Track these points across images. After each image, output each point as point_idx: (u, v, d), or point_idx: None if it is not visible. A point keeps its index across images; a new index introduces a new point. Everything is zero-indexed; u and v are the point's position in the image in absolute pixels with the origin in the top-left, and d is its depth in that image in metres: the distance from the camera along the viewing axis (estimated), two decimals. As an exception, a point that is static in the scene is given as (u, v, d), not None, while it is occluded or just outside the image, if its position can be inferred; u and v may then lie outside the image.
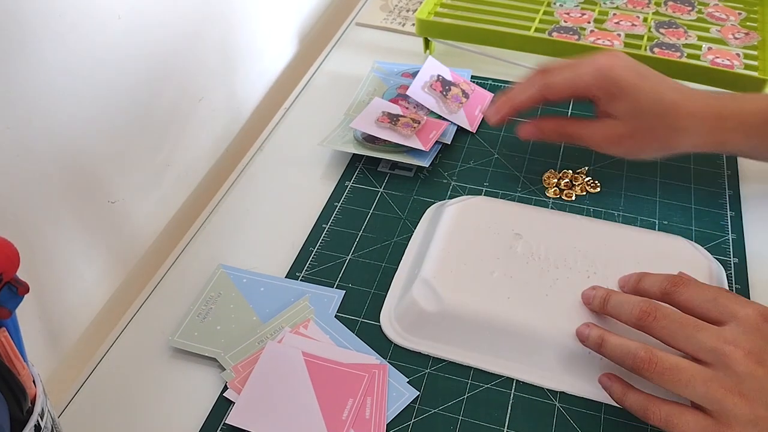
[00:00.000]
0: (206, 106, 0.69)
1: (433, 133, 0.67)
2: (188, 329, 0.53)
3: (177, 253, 0.60)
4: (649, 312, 0.45)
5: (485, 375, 0.50)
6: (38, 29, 0.46)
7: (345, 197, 0.64)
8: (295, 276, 0.57)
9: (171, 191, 0.66)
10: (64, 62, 0.49)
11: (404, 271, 0.57)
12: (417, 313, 0.52)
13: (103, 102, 0.54)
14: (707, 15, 0.80)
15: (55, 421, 0.39)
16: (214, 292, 0.55)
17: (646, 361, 0.43)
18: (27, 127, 0.47)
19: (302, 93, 0.78)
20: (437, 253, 0.54)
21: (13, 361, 0.35)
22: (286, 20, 0.85)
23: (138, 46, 0.57)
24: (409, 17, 0.89)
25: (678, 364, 0.42)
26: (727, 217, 0.61)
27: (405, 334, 0.52)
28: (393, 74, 0.77)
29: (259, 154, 0.70)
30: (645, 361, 0.43)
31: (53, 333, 0.54)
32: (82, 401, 0.50)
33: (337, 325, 0.53)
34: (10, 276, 0.34)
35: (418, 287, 0.53)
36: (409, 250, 0.58)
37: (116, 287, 0.61)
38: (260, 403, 0.47)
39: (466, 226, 0.57)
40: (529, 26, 0.77)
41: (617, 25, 0.77)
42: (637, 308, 0.45)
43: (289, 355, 0.49)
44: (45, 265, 0.52)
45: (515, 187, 0.64)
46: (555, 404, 0.48)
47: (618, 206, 0.62)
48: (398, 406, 0.48)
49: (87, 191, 0.55)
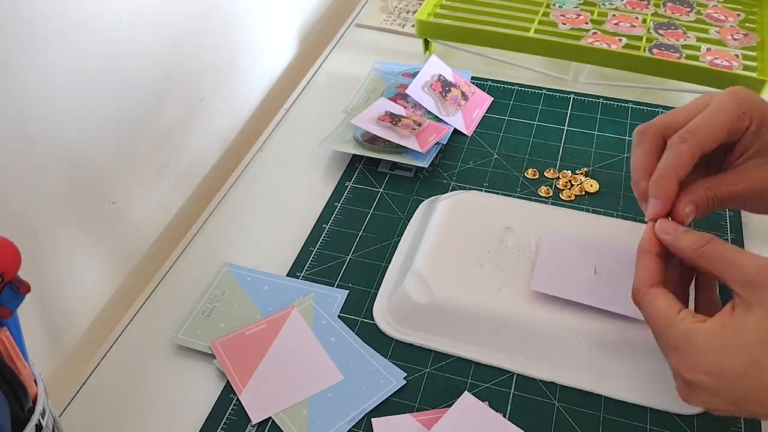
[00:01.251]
0: (207, 107, 0.69)
1: (432, 136, 0.67)
2: (192, 327, 0.53)
3: (178, 252, 0.61)
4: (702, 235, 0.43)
5: (485, 373, 0.50)
6: (39, 30, 0.46)
7: (345, 197, 0.64)
8: (296, 275, 0.57)
9: (172, 191, 0.66)
10: (64, 63, 0.49)
11: (397, 265, 0.57)
12: (409, 305, 0.52)
13: (104, 102, 0.54)
14: (706, 16, 0.80)
15: (56, 420, 0.39)
16: (219, 290, 0.56)
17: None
18: (28, 127, 0.47)
19: (302, 94, 0.78)
20: (429, 247, 0.55)
21: (14, 360, 0.35)
22: (287, 21, 0.85)
23: (139, 47, 0.57)
24: (409, 18, 0.89)
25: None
26: (726, 216, 0.61)
27: (397, 326, 0.53)
28: (393, 74, 0.77)
29: (259, 154, 0.70)
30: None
31: (54, 332, 0.54)
32: (83, 400, 0.50)
33: (341, 325, 0.53)
34: (11, 276, 0.34)
35: (410, 280, 0.53)
36: (402, 244, 0.59)
37: (117, 287, 0.61)
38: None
39: (457, 220, 0.57)
40: (528, 27, 0.77)
41: (616, 26, 0.77)
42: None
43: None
44: (46, 265, 0.52)
45: (514, 187, 0.65)
46: (554, 403, 0.48)
47: (617, 206, 0.62)
48: (383, 394, 0.49)
49: (88, 191, 0.55)
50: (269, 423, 0.48)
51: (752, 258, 0.40)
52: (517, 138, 0.70)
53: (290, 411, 0.48)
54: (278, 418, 0.48)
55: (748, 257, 0.40)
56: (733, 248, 0.41)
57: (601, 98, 0.75)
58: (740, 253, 0.41)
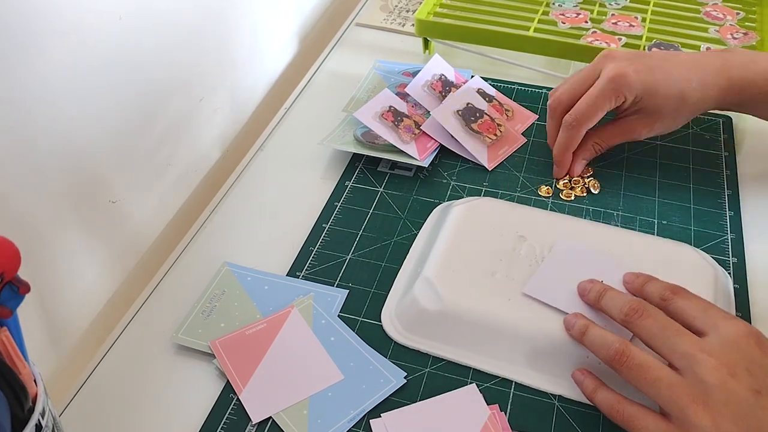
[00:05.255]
0: (207, 106, 0.69)
1: (431, 142, 0.67)
2: (192, 326, 0.53)
3: (178, 252, 0.61)
4: (636, 309, 0.45)
5: (484, 374, 0.50)
6: (39, 29, 0.46)
7: (345, 197, 0.64)
8: (296, 275, 0.57)
9: (172, 191, 0.66)
10: (65, 62, 0.49)
11: (407, 270, 0.57)
12: (418, 311, 0.52)
13: (104, 102, 0.54)
14: (705, 15, 0.80)
15: (56, 420, 0.39)
16: (219, 290, 0.56)
17: (619, 353, 0.44)
18: (28, 127, 0.47)
19: (303, 93, 0.78)
20: (440, 253, 0.55)
21: (14, 360, 0.35)
22: (287, 20, 0.85)
23: (139, 46, 0.57)
24: (408, 17, 0.89)
25: (647, 362, 0.43)
26: (726, 217, 0.61)
27: (405, 332, 0.52)
28: (394, 73, 0.77)
29: (259, 153, 0.70)
30: (618, 353, 0.44)
31: (54, 332, 0.54)
32: (84, 400, 0.50)
33: (341, 325, 0.53)
34: (11, 275, 0.34)
35: (419, 286, 0.53)
36: (414, 250, 0.59)
37: (117, 286, 0.61)
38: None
39: (470, 227, 0.57)
40: (528, 26, 0.77)
41: (615, 25, 0.77)
42: (627, 305, 0.46)
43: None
44: (46, 265, 0.52)
45: (515, 187, 0.65)
46: (554, 403, 0.48)
47: (617, 206, 0.62)
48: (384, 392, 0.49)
49: (88, 191, 0.55)
50: (269, 422, 0.48)
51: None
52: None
53: (290, 410, 0.48)
54: (278, 418, 0.48)
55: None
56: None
57: (601, 97, 0.75)
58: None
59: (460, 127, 0.67)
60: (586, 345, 0.47)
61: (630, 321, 0.46)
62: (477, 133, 0.67)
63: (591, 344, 0.46)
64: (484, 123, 0.68)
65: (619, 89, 0.59)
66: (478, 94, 0.71)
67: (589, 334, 0.47)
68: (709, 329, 0.43)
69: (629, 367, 0.43)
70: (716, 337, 0.43)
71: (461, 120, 0.67)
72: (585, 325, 0.47)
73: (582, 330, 0.47)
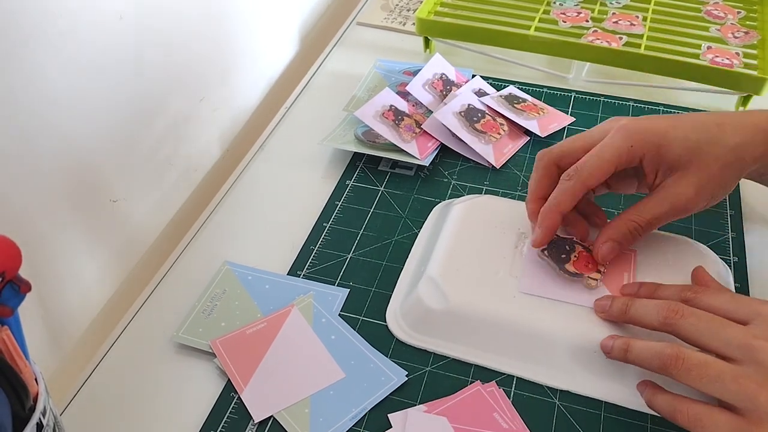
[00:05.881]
0: (207, 106, 0.69)
1: (432, 141, 0.67)
2: (193, 325, 0.53)
3: (178, 251, 0.61)
4: (675, 311, 0.44)
5: (485, 372, 0.50)
6: (39, 29, 0.46)
7: (346, 196, 0.64)
8: (296, 274, 0.57)
9: (172, 190, 0.66)
10: (65, 62, 0.49)
11: (411, 269, 0.57)
12: (422, 311, 0.52)
13: (105, 101, 0.54)
14: (706, 13, 0.80)
15: (57, 419, 0.39)
16: (219, 289, 0.56)
17: (674, 358, 0.42)
18: (28, 126, 0.47)
19: (303, 92, 0.78)
20: (443, 252, 0.55)
21: (15, 359, 0.35)
22: (287, 20, 0.85)
23: (139, 46, 0.57)
24: (409, 16, 0.89)
25: (706, 360, 0.42)
26: (727, 215, 0.61)
27: (410, 331, 0.52)
28: (395, 72, 0.77)
29: (260, 153, 0.70)
30: (672, 358, 0.42)
31: (55, 331, 0.54)
32: (85, 399, 0.50)
33: (342, 324, 0.53)
34: (12, 274, 0.34)
35: (423, 285, 0.53)
36: (416, 249, 0.59)
37: (118, 286, 0.61)
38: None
39: (472, 225, 0.57)
40: (528, 26, 0.77)
41: (616, 24, 0.77)
42: (664, 308, 0.45)
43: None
44: (47, 264, 0.52)
45: (515, 185, 0.65)
46: (555, 402, 0.48)
47: (618, 205, 0.62)
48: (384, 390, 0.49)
49: (89, 190, 0.55)
50: (270, 421, 0.48)
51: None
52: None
53: (292, 409, 0.48)
54: (280, 417, 0.48)
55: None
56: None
57: (603, 96, 0.75)
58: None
59: (463, 127, 0.67)
60: (633, 361, 0.45)
61: (671, 323, 0.44)
62: (481, 132, 0.67)
63: (638, 358, 0.45)
64: (487, 123, 0.68)
65: (630, 137, 0.49)
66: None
67: (633, 350, 0.45)
68: (752, 316, 0.43)
69: (688, 369, 0.42)
70: (763, 322, 0.42)
71: (464, 120, 0.67)
72: (625, 342, 0.45)
73: (624, 348, 0.45)
